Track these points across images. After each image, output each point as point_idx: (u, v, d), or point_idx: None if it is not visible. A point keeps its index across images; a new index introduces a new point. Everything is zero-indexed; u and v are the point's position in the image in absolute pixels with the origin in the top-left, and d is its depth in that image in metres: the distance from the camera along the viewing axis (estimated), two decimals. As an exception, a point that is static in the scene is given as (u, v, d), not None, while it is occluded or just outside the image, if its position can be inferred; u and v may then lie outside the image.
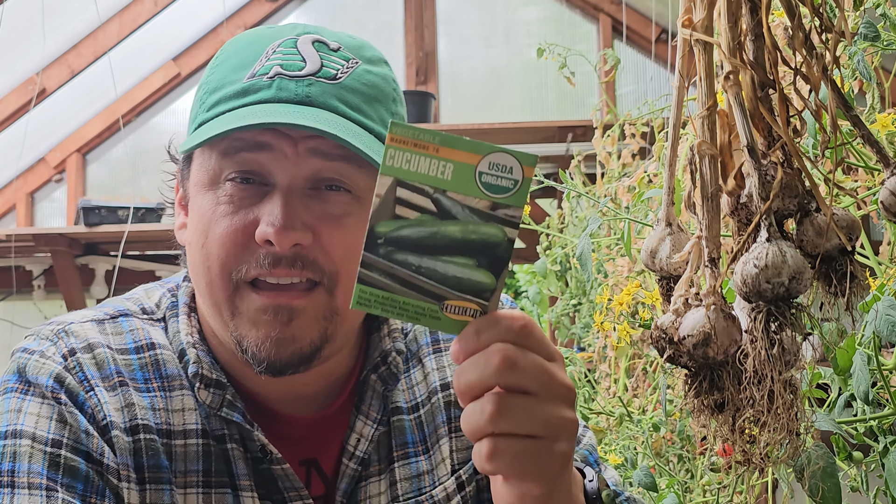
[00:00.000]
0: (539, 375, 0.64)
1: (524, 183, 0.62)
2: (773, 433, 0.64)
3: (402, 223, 0.62)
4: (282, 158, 0.80)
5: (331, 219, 0.81)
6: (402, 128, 0.61)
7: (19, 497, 0.75)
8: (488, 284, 0.64)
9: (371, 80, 0.84)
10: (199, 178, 0.83)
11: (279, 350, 0.79)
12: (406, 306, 0.64)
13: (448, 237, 0.63)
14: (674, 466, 1.47)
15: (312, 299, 0.80)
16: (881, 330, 0.86)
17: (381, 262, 0.63)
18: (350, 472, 0.89)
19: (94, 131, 4.32)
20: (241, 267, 0.79)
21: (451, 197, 0.62)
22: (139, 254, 4.21)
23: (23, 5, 3.35)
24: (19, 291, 4.17)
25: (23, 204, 4.33)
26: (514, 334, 0.64)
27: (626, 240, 1.20)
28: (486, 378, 0.63)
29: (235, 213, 0.80)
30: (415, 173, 0.61)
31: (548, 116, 4.24)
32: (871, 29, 0.97)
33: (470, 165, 0.62)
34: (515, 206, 0.63)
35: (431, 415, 0.94)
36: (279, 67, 0.80)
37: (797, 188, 0.68)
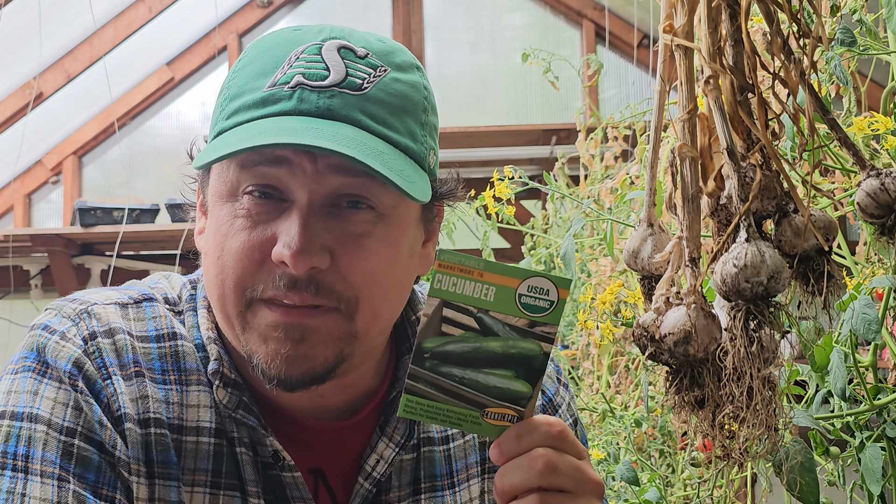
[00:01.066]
0: (575, 475, 0.70)
1: (559, 303, 0.69)
2: (752, 429, 0.65)
3: (447, 339, 0.69)
4: (301, 175, 0.76)
5: (351, 239, 0.77)
6: (449, 255, 0.67)
7: (32, 484, 0.74)
8: (525, 393, 0.70)
9: (399, 89, 0.79)
10: (217, 189, 0.80)
11: (290, 368, 0.77)
12: (449, 413, 0.71)
13: (490, 352, 0.69)
14: (655, 461, 1.48)
15: (327, 320, 0.77)
16: (857, 328, 0.87)
17: (426, 374, 0.69)
18: (363, 492, 0.86)
19: (89, 134, 4.30)
20: (257, 286, 0.76)
21: (492, 316, 0.69)
22: (134, 254, 4.20)
23: (20, 11, 3.34)
24: (17, 290, 4.15)
25: (20, 205, 4.31)
26: (553, 439, 0.70)
27: (608, 240, 1.21)
28: (529, 480, 0.69)
29: (253, 228, 0.77)
30: (460, 295, 0.68)
31: (532, 120, 4.25)
32: (847, 34, 0.98)
33: (511, 289, 0.68)
34: (552, 323, 0.69)
35: (464, 451, 0.92)
36: (301, 77, 0.76)
37: (776, 190, 0.69)
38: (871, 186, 0.68)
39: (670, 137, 1.17)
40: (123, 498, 0.77)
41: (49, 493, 0.74)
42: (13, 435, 0.76)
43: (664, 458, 1.47)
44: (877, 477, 0.93)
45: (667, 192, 0.74)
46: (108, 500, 0.76)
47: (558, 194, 1.39)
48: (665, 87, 0.74)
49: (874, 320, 0.89)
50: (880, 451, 0.95)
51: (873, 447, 0.95)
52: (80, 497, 0.74)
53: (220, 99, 0.81)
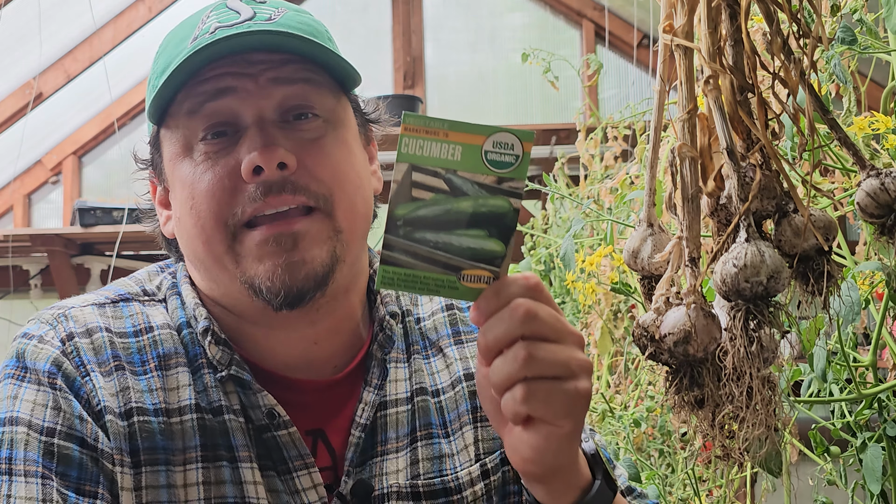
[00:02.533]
0: (555, 324, 0.71)
1: (524, 157, 0.69)
2: (752, 428, 0.65)
3: (418, 204, 0.68)
4: (246, 97, 0.81)
5: (308, 144, 0.82)
6: (413, 118, 0.66)
7: (16, 485, 0.75)
8: (499, 252, 0.70)
9: (304, 19, 0.85)
10: (172, 152, 0.84)
11: (292, 275, 0.79)
12: (427, 280, 0.70)
13: (461, 212, 0.69)
14: (655, 461, 1.48)
15: (313, 221, 0.80)
16: (840, 310, 0.88)
17: (401, 242, 0.69)
18: (355, 440, 0.88)
19: (89, 134, 4.30)
20: (236, 210, 0.80)
21: (461, 176, 0.68)
22: (133, 254, 4.20)
23: (19, 12, 3.35)
24: (16, 290, 4.15)
25: (20, 205, 4.31)
26: (530, 290, 0.71)
27: (608, 240, 1.21)
28: (512, 329, 0.69)
29: (215, 164, 0.81)
30: (427, 157, 0.67)
31: (532, 120, 4.25)
32: (847, 34, 0.98)
33: (477, 146, 0.68)
34: (518, 178, 0.69)
35: (455, 402, 0.94)
36: (216, 23, 0.81)
37: (775, 190, 0.69)
38: (871, 186, 0.68)
39: (670, 137, 1.17)
40: (106, 492, 0.79)
41: (34, 492, 0.75)
42: None
43: (664, 458, 1.47)
44: (877, 476, 0.93)
45: (667, 192, 0.74)
46: (91, 496, 0.78)
47: (558, 194, 1.39)
48: (665, 87, 0.74)
49: (856, 302, 0.89)
50: (881, 450, 0.95)
51: (874, 447, 0.95)
52: (64, 494, 0.76)
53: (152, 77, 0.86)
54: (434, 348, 0.97)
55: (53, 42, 3.82)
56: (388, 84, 4.22)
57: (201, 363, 0.85)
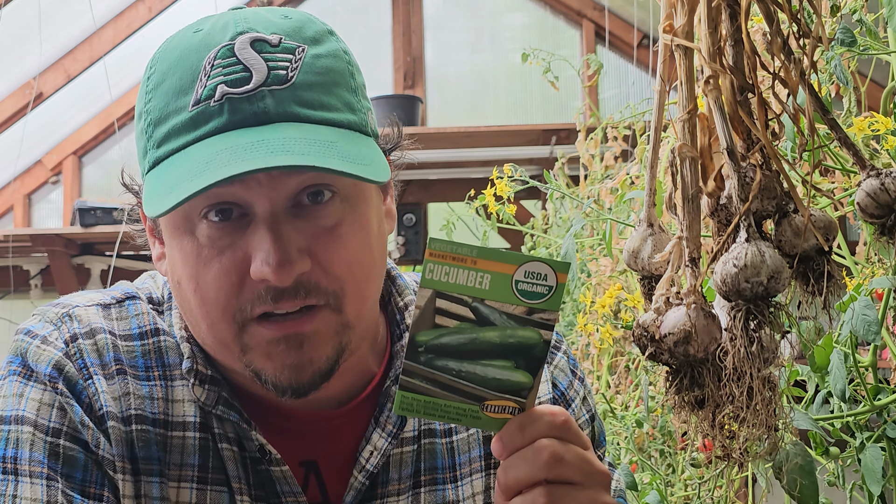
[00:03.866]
0: (581, 466, 0.69)
1: (558, 288, 0.66)
2: (752, 429, 0.65)
3: (441, 332, 0.66)
4: (256, 187, 0.73)
5: (324, 233, 0.75)
6: (439, 243, 0.64)
7: (22, 485, 0.75)
8: (526, 383, 0.68)
9: (323, 64, 0.77)
10: (170, 219, 0.78)
11: (298, 375, 0.76)
12: (447, 409, 0.68)
13: (487, 342, 0.66)
14: (656, 461, 1.48)
15: (321, 321, 0.76)
16: (857, 329, 0.87)
17: (421, 370, 0.67)
18: (358, 485, 0.84)
19: (89, 134, 4.30)
20: (244, 306, 0.75)
21: (488, 305, 0.66)
22: (134, 254, 4.19)
23: (19, 11, 3.35)
24: (17, 290, 4.15)
25: (20, 205, 4.31)
26: (557, 429, 0.69)
27: (607, 240, 1.21)
28: (535, 473, 0.67)
29: (221, 254, 0.75)
30: (453, 284, 0.65)
31: (532, 120, 4.25)
32: (847, 34, 0.98)
33: (507, 275, 0.65)
34: (551, 310, 0.66)
35: (467, 445, 0.90)
36: (224, 86, 0.73)
37: (775, 190, 0.69)
38: (871, 186, 0.68)
39: (670, 137, 1.17)
40: (111, 495, 0.78)
41: (39, 493, 0.74)
42: (2, 438, 0.77)
43: (664, 459, 1.47)
44: (877, 477, 0.93)
45: (667, 192, 0.74)
46: (96, 498, 0.77)
47: (558, 194, 1.39)
48: (665, 87, 0.74)
49: (874, 321, 0.89)
50: (880, 451, 0.95)
51: (873, 447, 0.95)
52: (69, 496, 0.75)
53: (143, 125, 0.78)
54: None
55: (53, 42, 3.82)
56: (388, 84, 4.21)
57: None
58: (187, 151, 0.73)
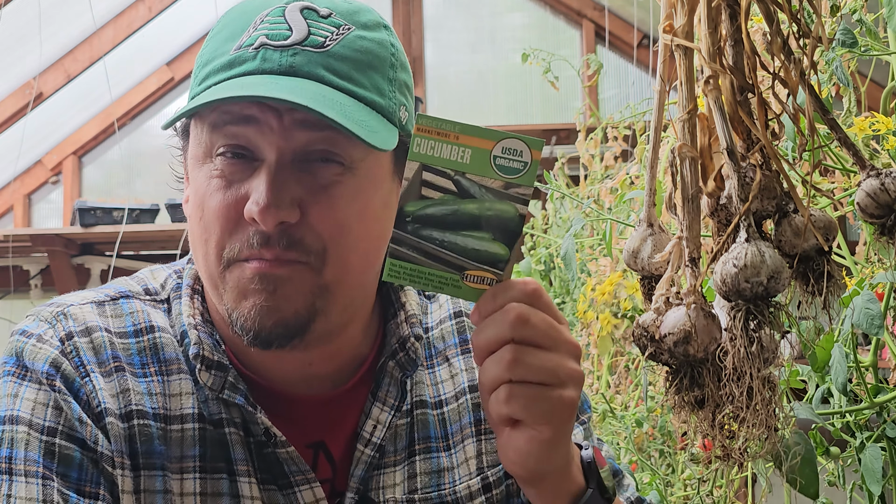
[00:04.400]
0: (548, 331, 0.72)
1: (532, 164, 0.70)
2: (752, 429, 0.65)
3: (427, 202, 0.70)
4: (268, 132, 0.77)
5: (319, 191, 0.78)
6: (427, 119, 0.68)
7: (17, 485, 0.75)
8: (503, 255, 0.72)
9: (364, 45, 0.80)
10: (194, 152, 0.82)
11: (263, 319, 0.78)
12: (431, 276, 0.72)
13: (467, 214, 0.70)
14: (655, 461, 1.48)
15: (296, 271, 0.78)
16: (860, 323, 0.87)
17: (409, 238, 0.71)
18: (365, 458, 0.87)
19: (89, 134, 4.31)
20: (234, 245, 0.78)
21: (469, 178, 0.70)
22: (134, 254, 4.21)
23: (19, 11, 3.35)
24: (17, 290, 4.16)
25: (20, 205, 4.32)
26: (527, 296, 0.72)
27: (607, 240, 1.21)
28: (502, 332, 0.71)
29: (228, 187, 0.79)
30: (438, 158, 0.69)
31: (532, 120, 4.26)
32: (848, 35, 0.98)
33: (486, 150, 0.69)
34: (525, 185, 0.70)
35: (458, 414, 0.93)
36: (265, 37, 0.78)
37: (775, 190, 0.69)
38: (871, 186, 0.68)
39: (670, 137, 1.17)
40: (107, 493, 0.78)
41: (34, 493, 0.75)
42: None
43: (664, 458, 1.48)
44: (877, 477, 0.93)
45: (667, 192, 0.74)
46: (92, 497, 0.77)
47: (558, 194, 1.39)
48: (665, 87, 0.74)
49: (877, 315, 0.89)
50: (880, 451, 0.95)
51: (873, 447, 0.95)
52: (65, 495, 0.76)
53: (195, 68, 0.84)
54: (440, 357, 0.95)
55: (53, 42, 3.83)
56: (388, 84, 4.22)
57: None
58: (217, 86, 0.78)
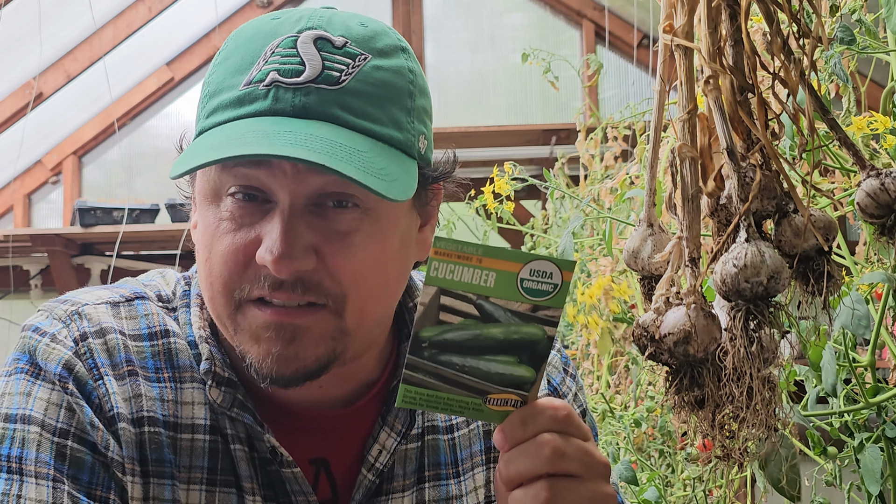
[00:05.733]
0: (583, 459, 0.70)
1: (563, 287, 0.66)
2: (752, 428, 0.65)
3: (445, 328, 0.67)
4: (281, 176, 0.74)
5: (337, 237, 0.76)
6: (445, 242, 0.64)
7: (27, 486, 0.74)
8: (529, 378, 0.69)
9: (381, 77, 0.77)
10: (202, 188, 0.80)
11: (281, 367, 0.76)
12: (450, 402, 0.69)
13: (491, 339, 0.67)
14: (655, 461, 1.48)
15: (317, 319, 0.76)
16: (847, 324, 0.87)
17: (425, 364, 0.67)
18: (367, 483, 0.85)
19: (89, 134, 4.31)
20: (244, 286, 0.76)
21: (493, 302, 0.66)
22: (134, 254, 4.21)
23: (20, 11, 3.35)
24: (17, 290, 4.16)
25: (20, 205, 4.32)
26: (559, 423, 0.69)
27: (607, 239, 1.21)
28: (537, 467, 0.68)
29: (237, 230, 0.76)
30: (458, 282, 0.65)
31: (532, 120, 4.25)
32: (847, 34, 0.98)
33: (512, 273, 0.65)
34: (555, 307, 0.67)
35: (469, 440, 0.91)
36: (276, 73, 0.75)
37: (775, 190, 0.69)
38: (871, 186, 0.68)
39: (670, 137, 1.17)
40: (118, 498, 0.77)
41: (44, 495, 0.74)
42: (7, 437, 0.76)
43: (664, 458, 1.48)
44: (876, 477, 0.93)
45: (667, 192, 0.74)
46: (102, 501, 0.76)
47: (558, 194, 1.39)
48: (665, 87, 0.74)
49: (864, 315, 0.89)
50: (879, 451, 0.95)
51: (872, 448, 0.95)
52: (75, 498, 0.75)
53: (202, 94, 0.81)
54: None
55: (53, 42, 3.83)
56: (388, 84, 4.22)
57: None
58: (227, 127, 0.75)
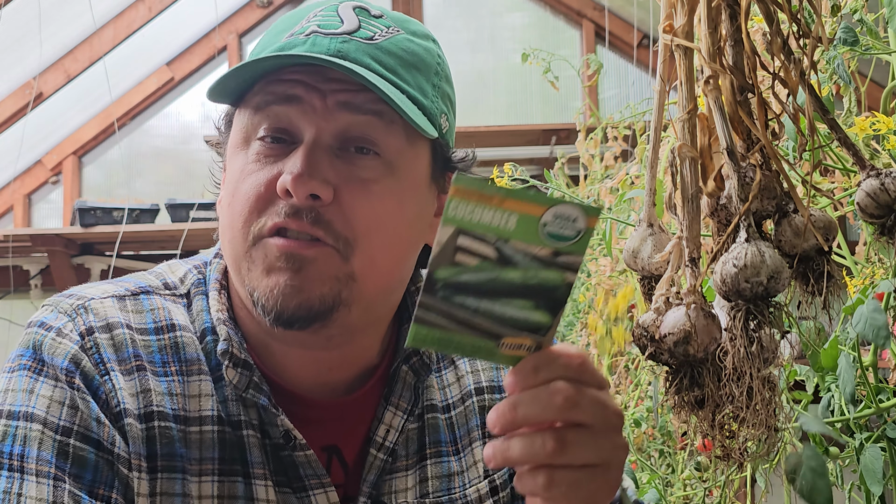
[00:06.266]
0: (596, 409, 0.67)
1: (587, 233, 0.63)
2: (752, 429, 0.65)
3: (461, 269, 0.63)
4: (310, 112, 0.78)
5: (357, 182, 0.78)
6: (466, 180, 0.61)
7: (28, 484, 0.74)
8: (545, 323, 0.65)
9: (411, 48, 0.82)
10: (234, 140, 0.82)
11: (286, 299, 0.77)
12: (462, 344, 0.66)
13: (508, 282, 0.64)
14: (655, 461, 1.48)
15: (323, 253, 0.77)
16: (866, 333, 0.87)
17: (439, 305, 0.64)
18: (378, 463, 0.87)
19: (89, 134, 4.31)
20: (262, 219, 0.78)
21: (513, 245, 0.63)
22: (134, 254, 4.21)
23: (19, 11, 3.35)
24: (17, 290, 4.16)
25: (20, 205, 4.32)
26: (573, 371, 0.66)
27: (607, 239, 1.21)
28: (547, 415, 0.65)
29: (262, 168, 0.79)
30: (477, 223, 0.62)
31: (532, 120, 4.25)
32: (849, 34, 0.98)
33: (534, 217, 0.62)
34: (577, 252, 0.64)
35: (465, 417, 0.93)
36: (316, 27, 0.80)
37: (775, 190, 0.69)
38: (871, 186, 0.68)
39: (670, 137, 1.17)
40: (120, 497, 0.77)
41: (45, 493, 0.73)
42: (9, 434, 0.76)
43: (664, 458, 1.48)
44: (877, 477, 0.93)
45: (667, 192, 0.74)
46: (104, 500, 0.76)
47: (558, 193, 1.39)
48: (665, 87, 0.74)
49: (883, 325, 0.88)
50: (880, 451, 0.95)
51: (873, 448, 0.95)
52: (76, 497, 0.74)
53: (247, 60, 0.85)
54: (446, 360, 0.95)
55: (53, 42, 3.83)
56: (388, 84, 4.22)
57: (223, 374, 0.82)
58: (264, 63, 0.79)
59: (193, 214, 3.54)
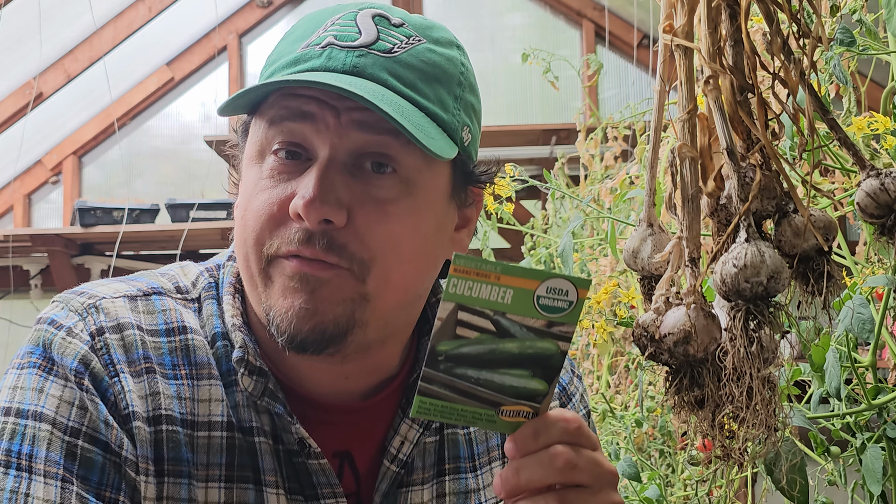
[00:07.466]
0: (593, 469, 0.71)
1: (578, 304, 0.68)
2: (752, 428, 0.65)
3: (462, 342, 0.68)
4: (324, 130, 0.76)
5: (372, 203, 0.77)
6: (464, 259, 0.66)
7: (35, 484, 0.73)
8: (541, 390, 0.70)
9: (433, 58, 0.79)
10: (249, 152, 0.81)
11: (300, 322, 0.76)
12: (464, 413, 0.70)
13: (506, 353, 0.69)
14: (655, 461, 1.48)
15: (338, 275, 0.76)
16: (852, 328, 0.87)
17: (441, 377, 0.69)
18: (391, 474, 0.86)
19: (89, 134, 4.31)
20: (274, 241, 0.77)
21: (510, 318, 0.68)
22: (134, 254, 4.21)
23: (19, 11, 3.35)
24: (17, 290, 4.16)
25: (20, 205, 4.32)
26: (570, 435, 0.70)
27: (610, 238, 1.21)
28: (548, 477, 0.69)
29: (275, 186, 0.77)
30: (476, 299, 0.67)
31: (532, 120, 4.26)
32: (847, 34, 0.98)
33: (529, 291, 0.67)
34: (570, 323, 0.68)
35: (485, 435, 0.93)
36: (333, 38, 0.78)
37: (775, 190, 0.69)
38: (871, 186, 0.68)
39: (670, 137, 1.17)
40: (127, 500, 0.76)
41: (52, 494, 0.73)
42: (18, 433, 0.75)
43: (664, 458, 1.48)
44: (877, 477, 0.93)
45: (667, 192, 0.74)
46: (111, 502, 0.75)
47: (558, 194, 1.39)
48: (665, 87, 0.74)
49: (869, 319, 0.89)
50: (881, 451, 0.95)
51: (874, 448, 0.95)
52: (83, 499, 0.74)
53: (263, 67, 0.84)
54: None
55: (53, 42, 3.83)
56: (388, 84, 4.22)
57: (234, 380, 0.82)
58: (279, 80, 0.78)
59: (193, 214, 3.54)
